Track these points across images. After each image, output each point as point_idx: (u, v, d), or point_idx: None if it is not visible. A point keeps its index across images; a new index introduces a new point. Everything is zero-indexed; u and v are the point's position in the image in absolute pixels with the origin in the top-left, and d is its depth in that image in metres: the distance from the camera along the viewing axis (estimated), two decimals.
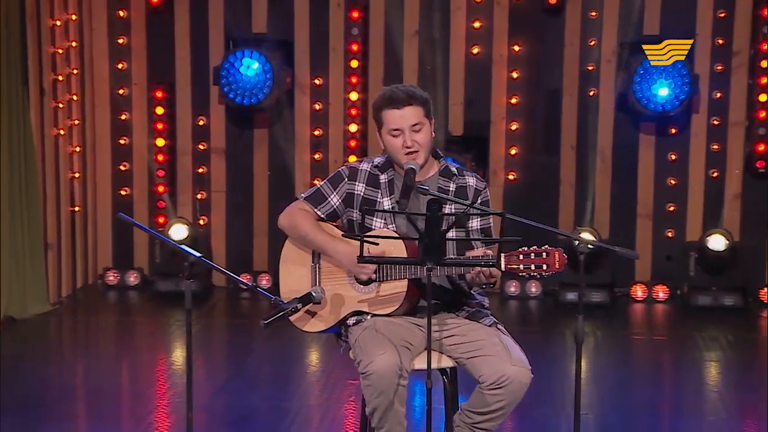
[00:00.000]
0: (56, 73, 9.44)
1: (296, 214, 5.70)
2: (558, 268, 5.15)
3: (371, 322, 5.55)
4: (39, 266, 9.29)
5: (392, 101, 5.50)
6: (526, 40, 10.12)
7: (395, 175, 5.65)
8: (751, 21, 9.97)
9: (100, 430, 7.51)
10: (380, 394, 5.38)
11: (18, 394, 7.65)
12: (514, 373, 5.34)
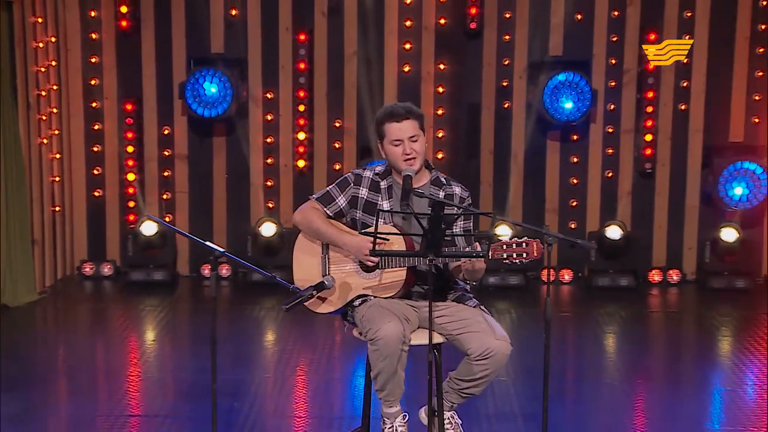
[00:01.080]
0: (39, 90, 9.83)
1: (309, 211, 6.04)
2: (536, 256, 5.59)
3: (375, 300, 5.95)
4: (27, 260, 9.63)
5: (393, 116, 5.90)
6: (449, 60, 10.66)
7: (393, 182, 6.02)
8: (638, 44, 10.64)
9: (92, 396, 7.94)
10: (386, 358, 5.75)
11: (17, 372, 8.10)
12: (497, 346, 5.74)
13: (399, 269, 5.80)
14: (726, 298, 10.35)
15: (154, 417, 7.65)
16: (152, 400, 8.10)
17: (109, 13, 10.49)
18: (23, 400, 7.73)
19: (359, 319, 5.85)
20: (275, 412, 7.88)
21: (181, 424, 7.52)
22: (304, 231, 6.05)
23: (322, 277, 5.84)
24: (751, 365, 9.07)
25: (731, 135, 10.85)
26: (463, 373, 5.74)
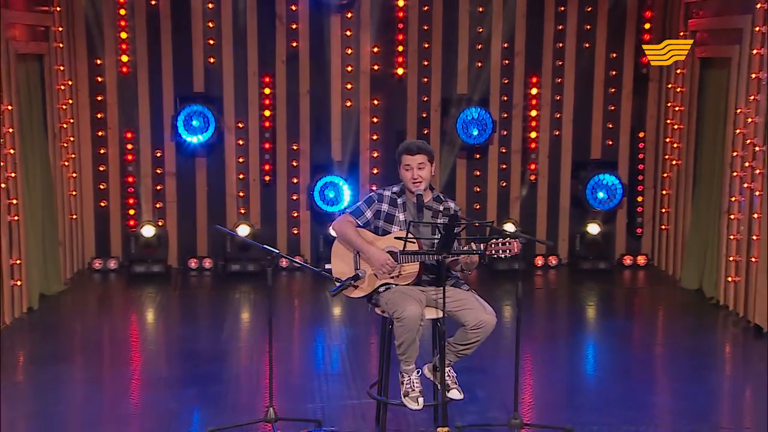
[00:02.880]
0: (61, 122, 10.36)
1: (344, 223, 6.57)
2: (516, 252, 6.23)
3: (396, 287, 6.44)
4: (56, 258, 10.18)
5: (408, 150, 6.49)
6: (381, 97, 11.44)
7: (407, 199, 6.52)
8: (523, 85, 11.48)
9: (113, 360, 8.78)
10: (408, 331, 6.24)
11: (60, 343, 8.94)
12: (488, 319, 6.29)
13: (414, 264, 6.37)
14: (591, 277, 11.30)
15: (156, 377, 8.25)
16: (154, 363, 8.75)
17: (112, 61, 10.97)
18: (67, 363, 8.46)
19: (384, 302, 6.37)
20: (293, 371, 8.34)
21: (177, 379, 8.08)
22: (339, 238, 6.62)
23: (356, 271, 6.43)
24: (609, 322, 10.27)
25: (592, 154, 11.75)
26: (460, 339, 6.34)
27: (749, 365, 8.80)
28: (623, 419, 7.20)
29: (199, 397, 7.64)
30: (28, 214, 9.51)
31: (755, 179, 9.34)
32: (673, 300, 10.79)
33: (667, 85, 11.52)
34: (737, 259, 9.70)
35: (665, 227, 11.75)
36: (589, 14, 11.52)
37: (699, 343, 9.27)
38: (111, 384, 8.06)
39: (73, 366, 8.52)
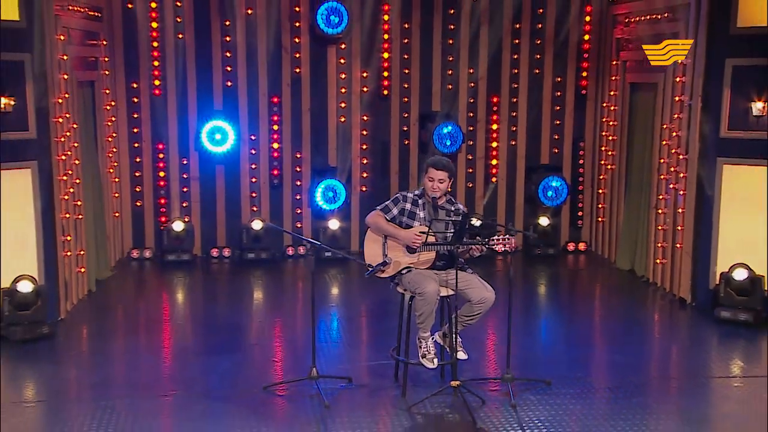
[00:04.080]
0: (106, 137, 10.52)
1: (376, 216, 6.80)
2: (515, 246, 6.64)
3: (416, 270, 6.70)
4: (105, 249, 10.37)
5: (435, 165, 6.72)
6: (369, 114, 11.54)
7: (426, 201, 6.77)
8: (486, 104, 11.66)
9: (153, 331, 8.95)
10: (427, 305, 6.52)
11: (112, 320, 9.18)
12: (489, 296, 6.57)
13: (431, 252, 6.70)
14: (542, 261, 11.49)
15: (183, 345, 8.45)
16: (182, 334, 8.90)
17: (146, 85, 11.04)
18: (117, 334, 8.72)
19: (407, 282, 6.67)
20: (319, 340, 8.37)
21: (201, 348, 8.31)
22: (371, 229, 6.82)
23: (384, 257, 6.75)
24: (559, 297, 10.59)
25: (542, 160, 11.94)
26: (466, 312, 6.62)
27: (675, 329, 9.20)
28: (583, 372, 7.58)
29: (220, 362, 7.75)
30: (88, 213, 9.63)
31: (679, 181, 9.60)
32: (609, 278, 10.99)
33: (603, 104, 11.68)
34: (664, 245, 9.97)
35: (601, 219, 11.90)
36: (538, 46, 11.69)
37: (634, 312, 9.57)
38: (148, 351, 8.21)
39: (122, 336, 8.72)
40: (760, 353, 8.27)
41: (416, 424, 6.49)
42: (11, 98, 7.91)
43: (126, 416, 6.56)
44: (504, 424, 6.44)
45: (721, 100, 9.05)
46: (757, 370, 7.79)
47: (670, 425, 6.60)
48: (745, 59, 8.88)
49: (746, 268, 8.94)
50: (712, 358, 8.30)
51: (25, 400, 6.99)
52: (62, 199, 8.68)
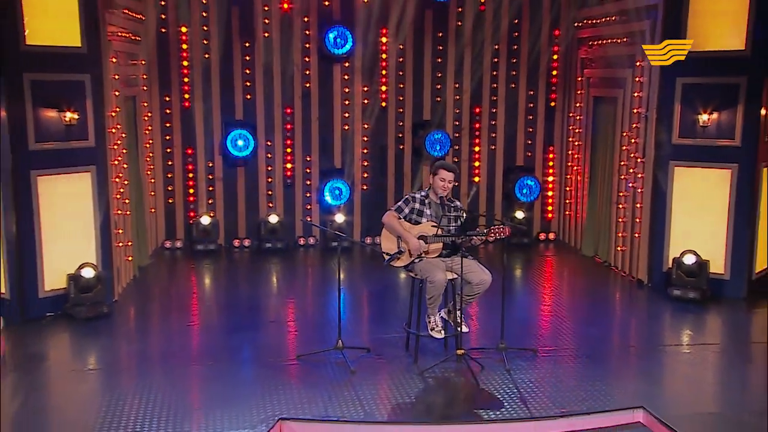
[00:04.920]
0: (144, 143, 10.64)
1: (390, 217, 6.95)
2: (508, 234, 6.75)
3: (426, 259, 6.89)
4: (145, 240, 10.51)
5: (446, 167, 6.86)
6: (369, 122, 11.60)
7: (431, 200, 6.92)
8: (469, 114, 11.84)
9: (188, 310, 8.88)
10: (436, 290, 6.73)
11: (152, 301, 9.32)
12: (486, 278, 6.74)
13: (438, 243, 6.92)
14: (518, 248, 11.51)
15: (210, 323, 8.51)
16: (209, 313, 8.92)
17: (177, 98, 11.16)
18: (156, 313, 8.91)
19: (419, 269, 6.84)
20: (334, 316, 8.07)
21: (226, 324, 8.34)
22: (386, 228, 6.99)
23: (399, 248, 6.93)
24: (534, 279, 10.42)
25: (517, 162, 12.05)
26: (467, 291, 6.80)
27: (634, 306, 9.32)
28: (561, 342, 7.77)
29: (242, 337, 7.90)
30: (132, 210, 9.78)
31: (637, 181, 9.81)
32: (576, 263, 11.06)
33: (569, 115, 11.77)
34: (624, 235, 10.16)
35: (568, 213, 12.02)
36: (514, 64, 11.85)
37: (599, 292, 9.71)
38: (179, 327, 8.28)
39: (161, 314, 8.88)
40: (706, 325, 8.52)
41: (429, 386, 6.69)
42: (75, 112, 8.10)
43: (164, 383, 6.71)
44: (501, 384, 6.66)
45: (672, 112, 9.22)
46: (703, 339, 8.05)
47: (633, 384, 6.81)
48: (693, 78, 9.05)
49: (694, 254, 9.16)
50: (666, 329, 8.50)
51: (89, 368, 7.22)
52: (114, 198, 8.86)
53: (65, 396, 6.59)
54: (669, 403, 6.37)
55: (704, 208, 9.27)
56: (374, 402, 6.34)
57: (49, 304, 8.32)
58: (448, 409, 6.29)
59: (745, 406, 6.48)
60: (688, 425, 5.93)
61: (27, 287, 8.15)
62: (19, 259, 8.06)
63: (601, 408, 6.25)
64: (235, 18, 11.16)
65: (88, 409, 6.22)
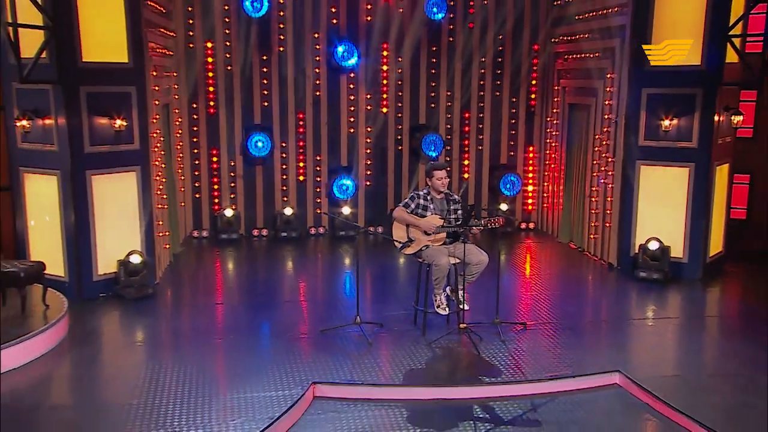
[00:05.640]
0: (175, 145, 10.58)
1: (400, 211, 7.08)
2: (503, 224, 6.88)
3: (432, 247, 7.04)
4: (176, 230, 10.52)
5: (438, 167, 7.02)
6: (372, 126, 11.67)
7: (433, 197, 7.06)
8: (460, 118, 11.87)
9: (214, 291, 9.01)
10: (441, 272, 6.91)
11: (185, 284, 9.37)
12: (483, 258, 6.90)
13: (442, 233, 7.10)
14: (503, 236, 11.40)
15: (233, 303, 8.55)
16: (232, 294, 9.01)
17: (203, 105, 11.20)
18: (187, 295, 8.96)
19: (426, 255, 7.01)
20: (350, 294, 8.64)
21: (234, 306, 8.37)
22: (397, 220, 7.10)
23: (408, 237, 7.10)
24: (518, 262, 10.50)
25: (501, 160, 12.11)
26: (467, 272, 6.94)
27: (605, 286, 9.38)
28: (546, 317, 7.90)
29: (266, 314, 8.05)
30: (169, 204, 9.94)
31: (608, 177, 9.96)
32: (554, 249, 11.13)
33: (547, 119, 11.82)
34: (596, 224, 10.32)
35: (546, 205, 12.12)
36: (499, 75, 11.91)
37: (575, 274, 9.80)
38: (211, 306, 8.40)
39: (193, 295, 8.97)
40: (667, 302, 8.64)
41: (437, 355, 6.91)
42: (123, 120, 8.25)
43: (200, 354, 6.91)
44: (498, 353, 6.90)
45: (639, 118, 9.30)
46: (665, 314, 8.25)
47: (608, 352, 7.07)
48: (656, 89, 9.16)
49: (657, 240, 9.32)
50: (633, 305, 8.62)
51: (136, 342, 7.39)
52: (155, 194, 8.97)
53: (117, 365, 6.76)
54: (639, 368, 6.58)
55: (666, 201, 9.35)
56: (391, 368, 6.58)
57: (101, 286, 8.48)
58: (454, 374, 6.51)
59: (702, 370, 6.74)
60: (656, 385, 6.18)
61: (83, 271, 8.30)
62: (76, 247, 8.24)
63: (584, 372, 6.49)
64: (254, 34, 11.20)
65: (136, 376, 6.39)
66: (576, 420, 5.83)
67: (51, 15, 7.58)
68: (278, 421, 5.54)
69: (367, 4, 11.48)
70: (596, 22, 10.24)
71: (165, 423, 5.59)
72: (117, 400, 5.97)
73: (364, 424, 5.70)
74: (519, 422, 5.78)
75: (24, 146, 8.25)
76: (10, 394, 6.02)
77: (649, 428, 5.87)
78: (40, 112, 8.00)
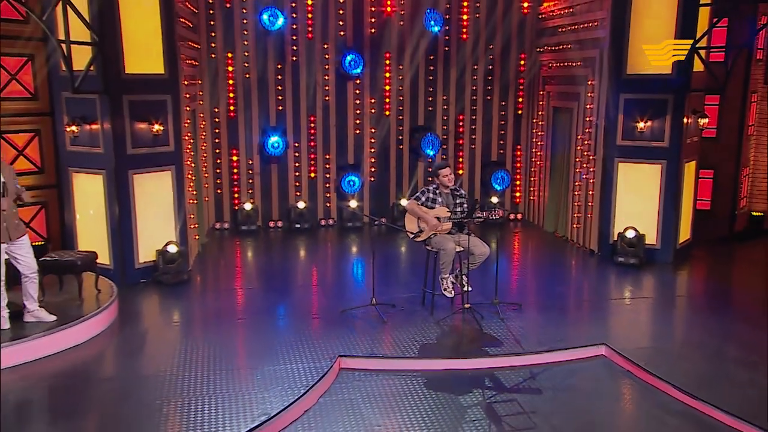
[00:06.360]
0: (200, 146, 10.55)
1: (412, 204, 7.24)
2: (502, 215, 7.10)
3: (440, 235, 7.22)
4: (203, 223, 10.50)
5: (441, 167, 7.21)
6: (376, 127, 11.79)
7: (441, 190, 7.21)
8: (455, 120, 11.86)
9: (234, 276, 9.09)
10: (447, 257, 7.08)
11: (212, 270, 9.45)
12: (485, 250, 7.08)
13: (448, 223, 7.25)
14: (493, 226, 10.94)
15: (251, 287, 8.65)
16: (251, 279, 9.07)
17: (224, 109, 11.30)
18: (213, 280, 9.04)
19: (434, 243, 7.18)
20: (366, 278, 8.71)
21: (260, 290, 8.43)
22: (409, 211, 7.30)
23: (419, 227, 7.28)
24: (507, 249, 10.54)
25: (492, 158, 12.25)
26: (471, 260, 7.13)
27: (587, 270, 9.49)
28: (537, 298, 8.11)
29: (284, 298, 8.17)
30: (197, 198, 10.01)
31: (590, 173, 10.09)
32: (540, 237, 11.28)
33: (533, 121, 11.96)
34: (579, 215, 10.45)
35: (532, 198, 12.23)
36: (489, 81, 12.04)
37: (560, 259, 9.91)
38: (233, 291, 8.48)
39: (218, 280, 9.03)
40: (642, 283, 8.78)
41: (444, 331, 7.09)
42: (160, 125, 8.42)
43: (231, 333, 7.04)
44: (498, 329, 7.10)
45: (617, 121, 9.40)
46: (641, 294, 8.39)
47: (592, 327, 7.26)
48: (632, 94, 9.29)
49: (634, 229, 9.49)
50: (612, 287, 8.75)
51: (173, 322, 7.52)
52: (187, 190, 9.11)
53: (157, 343, 6.90)
54: (620, 341, 6.80)
55: (641, 194, 9.49)
56: (405, 343, 6.77)
57: (142, 273, 8.61)
58: (461, 348, 6.70)
59: (674, 341, 7.00)
60: (636, 356, 6.42)
61: (126, 259, 8.45)
62: (120, 238, 8.38)
63: (574, 345, 6.73)
64: (269, 45, 11.32)
65: (175, 351, 6.53)
66: (569, 386, 6.09)
67: (98, 32, 7.78)
68: (312, 388, 5.82)
69: (371, 18, 11.62)
70: (578, 34, 10.38)
71: (209, 391, 5.72)
72: (159, 371, 6.10)
73: (385, 391, 5.97)
74: (520, 388, 6.05)
75: (72, 149, 8.45)
76: (71, 368, 6.25)
77: (632, 392, 6.12)
78: (88, 119, 8.21)
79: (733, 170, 11.10)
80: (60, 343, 6.53)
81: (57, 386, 5.87)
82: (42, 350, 6.39)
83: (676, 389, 5.85)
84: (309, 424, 5.41)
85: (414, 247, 9.49)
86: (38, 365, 6.27)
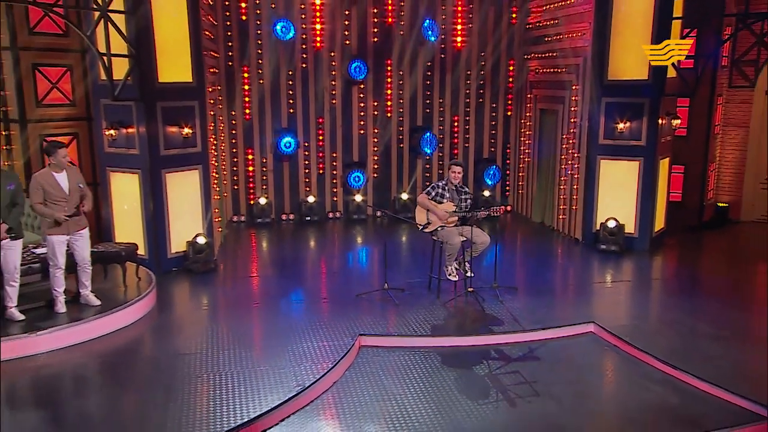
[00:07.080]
0: (219, 146, 10.61)
1: (423, 197, 7.28)
2: (502, 212, 7.03)
3: (445, 228, 7.28)
4: (223, 216, 10.57)
5: (455, 164, 7.25)
6: (379, 127, 11.85)
7: (449, 186, 7.24)
8: (450, 121, 11.99)
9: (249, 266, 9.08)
10: (453, 248, 7.16)
11: (232, 259, 9.52)
12: (486, 239, 7.20)
13: (454, 216, 7.33)
14: (486, 218, 9.47)
15: (266, 274, 8.72)
16: (266, 267, 9.07)
17: (240, 112, 11.36)
18: (232, 269, 8.90)
19: (441, 235, 7.25)
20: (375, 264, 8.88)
21: (279, 277, 8.43)
22: (420, 204, 7.33)
23: (428, 219, 7.35)
24: (499, 238, 10.14)
25: (484, 155, 12.38)
26: (474, 249, 7.29)
27: (572, 257, 9.62)
28: (530, 282, 8.25)
29: (302, 284, 8.30)
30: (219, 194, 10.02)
31: (574, 169, 10.28)
32: (528, 227, 11.41)
33: (521, 121, 12.09)
34: (564, 207, 10.64)
35: (521, 192, 12.34)
36: (481, 85, 12.15)
37: (547, 247, 10.05)
38: (255, 278, 8.58)
39: (237, 268, 9.05)
40: (622, 268, 8.98)
41: (450, 312, 7.29)
42: (190, 128, 8.59)
43: (255, 316, 7.15)
44: (499, 310, 7.32)
45: (599, 122, 9.57)
46: (621, 278, 8.61)
47: (580, 308, 7.45)
48: (613, 98, 9.48)
49: (615, 219, 9.70)
50: (594, 272, 8.93)
51: (202, 306, 7.65)
52: (212, 187, 9.24)
53: (188, 326, 7.03)
54: (605, 319, 7.05)
55: (621, 188, 9.69)
56: (416, 323, 6.99)
57: (174, 262, 8.78)
58: (466, 327, 6.91)
59: (653, 319, 7.22)
60: (620, 332, 6.70)
61: (160, 250, 8.61)
62: (154, 231, 8.55)
63: (566, 323, 6.99)
64: (281, 54, 11.41)
65: (206, 333, 6.64)
66: (563, 358, 6.37)
67: (135, 45, 7.99)
68: (339, 363, 6.09)
69: (374, 28, 11.73)
70: (562, 42, 10.53)
71: (246, 366, 5.88)
72: (198, 350, 6.23)
73: (402, 365, 6.24)
74: (521, 361, 6.32)
75: (110, 150, 8.61)
76: (114, 348, 6.45)
77: (618, 363, 6.38)
78: (125, 123, 8.38)
79: (701, 166, 11.29)
80: (109, 326, 6.78)
81: (110, 362, 6.11)
82: (95, 332, 6.63)
83: (657, 360, 6.12)
84: (338, 393, 5.66)
85: (414, 238, 9.68)
86: (91, 344, 6.50)
